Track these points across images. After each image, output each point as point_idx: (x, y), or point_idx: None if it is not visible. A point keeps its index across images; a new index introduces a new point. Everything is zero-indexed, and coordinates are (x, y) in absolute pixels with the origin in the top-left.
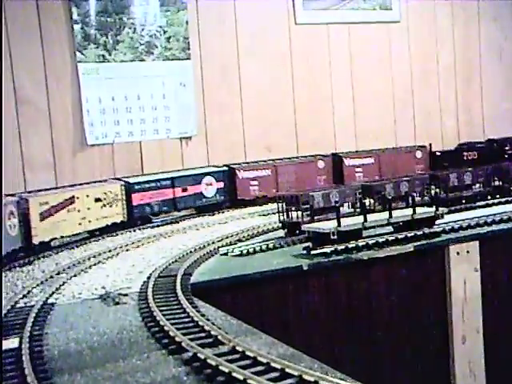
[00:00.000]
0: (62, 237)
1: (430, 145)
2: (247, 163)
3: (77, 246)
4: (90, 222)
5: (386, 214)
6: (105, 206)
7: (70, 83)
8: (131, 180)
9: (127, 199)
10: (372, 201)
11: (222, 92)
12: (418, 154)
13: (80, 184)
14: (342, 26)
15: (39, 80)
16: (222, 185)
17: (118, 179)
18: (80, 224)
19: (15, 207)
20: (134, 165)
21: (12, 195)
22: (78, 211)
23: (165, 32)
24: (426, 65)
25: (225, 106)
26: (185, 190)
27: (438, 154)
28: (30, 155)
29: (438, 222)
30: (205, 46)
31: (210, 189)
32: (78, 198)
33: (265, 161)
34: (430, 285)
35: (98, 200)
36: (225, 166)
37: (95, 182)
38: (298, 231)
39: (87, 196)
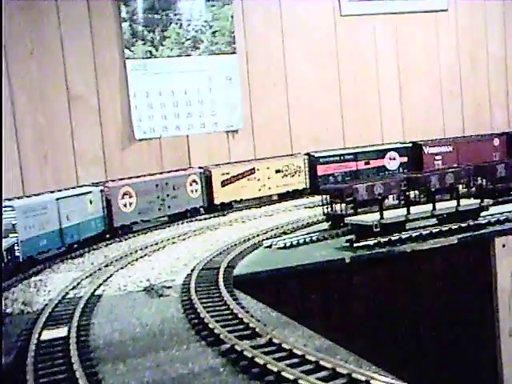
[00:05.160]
0: (242, 200)
1: (508, 133)
2: (431, 140)
3: None
4: (269, 188)
5: (430, 206)
6: (286, 176)
7: (119, 79)
8: (317, 154)
9: (310, 170)
10: (417, 193)
11: (267, 85)
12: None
13: (257, 159)
14: (388, 17)
15: (90, 77)
16: (405, 159)
17: (307, 154)
18: (260, 190)
19: (198, 176)
20: (181, 158)
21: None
22: (258, 180)
23: (210, 27)
24: (476, 55)
25: (270, 99)
26: (367, 163)
27: None
28: (82, 150)
29: (483, 213)
30: (250, 40)
31: (393, 163)
32: (258, 169)
33: (446, 138)
34: (475, 278)
35: (278, 171)
36: (410, 142)
37: (282, 156)
38: (341, 224)
39: (267, 168)
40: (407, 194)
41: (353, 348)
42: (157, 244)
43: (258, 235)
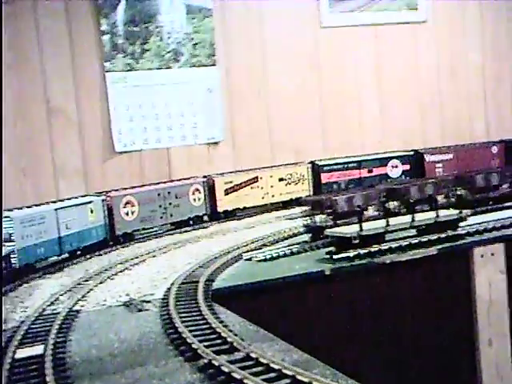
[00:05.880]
0: (245, 207)
1: (506, 140)
2: (432, 148)
3: None
4: (273, 196)
5: (409, 217)
6: (289, 184)
7: (99, 92)
8: (321, 162)
9: (314, 178)
10: (397, 203)
11: (248, 97)
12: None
13: (260, 168)
14: (368, 28)
15: (69, 90)
16: (407, 167)
17: (311, 162)
18: (263, 198)
19: (201, 185)
20: (162, 171)
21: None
22: (261, 188)
23: (191, 39)
24: (454, 65)
25: (251, 110)
26: (370, 171)
27: None
28: (62, 163)
29: (462, 224)
30: (231, 52)
31: (395, 170)
32: (261, 178)
33: (446, 147)
34: (455, 288)
35: (281, 179)
36: (412, 150)
37: (285, 164)
38: (322, 235)
39: (271, 176)
40: (386, 205)
41: (332, 360)
42: (137, 257)
43: (238, 248)
